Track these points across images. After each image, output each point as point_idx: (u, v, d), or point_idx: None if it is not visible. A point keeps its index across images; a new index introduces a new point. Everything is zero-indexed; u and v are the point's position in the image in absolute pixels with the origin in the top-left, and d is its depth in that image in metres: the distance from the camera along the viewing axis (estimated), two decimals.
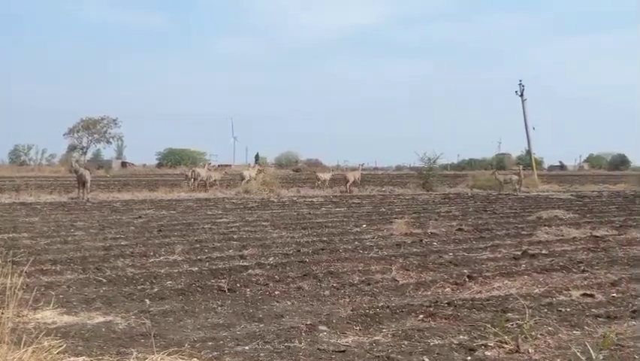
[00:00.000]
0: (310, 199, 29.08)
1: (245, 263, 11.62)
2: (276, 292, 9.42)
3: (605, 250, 13.43)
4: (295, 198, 29.67)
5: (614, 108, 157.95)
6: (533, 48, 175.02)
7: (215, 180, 35.19)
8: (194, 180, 34.54)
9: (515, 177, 37.42)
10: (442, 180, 41.68)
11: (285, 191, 33.08)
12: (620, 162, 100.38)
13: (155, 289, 9.49)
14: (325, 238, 15.15)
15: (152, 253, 12.61)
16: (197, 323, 7.68)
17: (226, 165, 62.77)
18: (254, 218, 20.05)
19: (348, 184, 35.18)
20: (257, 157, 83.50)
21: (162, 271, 10.84)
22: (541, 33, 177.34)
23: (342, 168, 72.41)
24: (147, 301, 8.82)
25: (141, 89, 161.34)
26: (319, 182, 36.77)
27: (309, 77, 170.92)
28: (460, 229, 16.94)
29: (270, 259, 12.10)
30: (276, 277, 10.44)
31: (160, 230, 16.60)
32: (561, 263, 11.74)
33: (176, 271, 10.86)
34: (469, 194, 34.84)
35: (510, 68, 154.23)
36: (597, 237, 15.54)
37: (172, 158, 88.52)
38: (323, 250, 13.35)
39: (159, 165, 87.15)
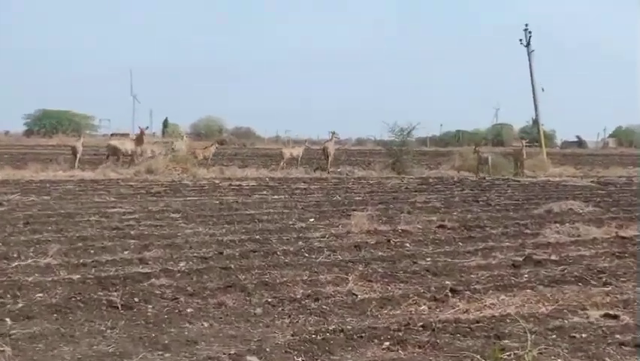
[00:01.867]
0: (238, 182, 28.94)
1: (146, 269, 11.49)
2: (189, 310, 9.34)
3: (634, 257, 13.50)
4: (218, 181, 29.49)
5: None
6: None
7: (155, 156, 34.50)
8: (111, 156, 33.99)
9: (486, 156, 37.28)
10: (418, 159, 41.85)
11: (203, 171, 32.87)
12: None
13: (20, 305, 9.30)
14: (258, 236, 15.09)
15: (15, 255, 12.35)
16: (77, 352, 7.54)
17: (124, 135, 61.73)
18: (160, 208, 19.90)
19: (330, 159, 35.59)
20: (165, 123, 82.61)
21: (30, 279, 10.62)
22: None
23: (283, 140, 72.16)
24: (8, 320, 8.62)
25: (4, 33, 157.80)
26: (285, 161, 36.59)
27: (238, 23, 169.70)
28: (441, 226, 16.97)
29: (182, 265, 11.98)
30: (188, 288, 10.35)
31: (27, 223, 16.30)
32: (576, 273, 11.86)
33: (50, 279, 10.65)
34: (455, 178, 35.09)
35: (508, 10, 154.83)
36: (625, 238, 15.71)
37: (47, 123, 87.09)
38: (255, 252, 13.26)
39: (28, 133, 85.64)
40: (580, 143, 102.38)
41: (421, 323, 8.75)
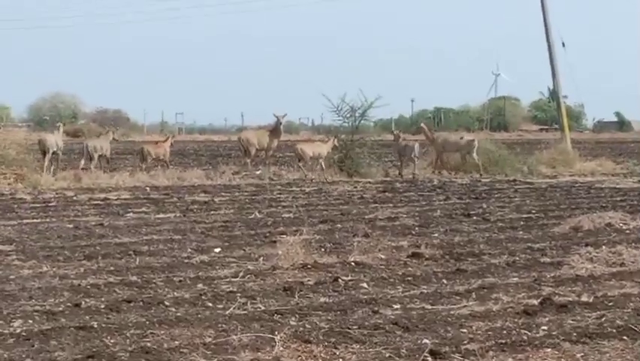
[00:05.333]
0: (104, 195, 24.63)
1: None
2: None
3: None
4: (72, 194, 25.13)
5: None
6: None
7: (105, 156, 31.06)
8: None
9: (411, 145, 31.94)
10: (379, 153, 38.25)
11: (49, 178, 28.05)
12: None
13: None
14: (135, 278, 12.52)
15: None
16: None
17: None
18: None
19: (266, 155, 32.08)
20: None
21: None
22: None
23: (171, 129, 68.49)
24: None
25: None
26: (308, 163, 30.81)
27: None
28: (416, 255, 14.37)
29: (16, 324, 9.84)
30: None
31: None
32: (619, 322, 9.74)
33: None
34: (435, 181, 31.17)
35: None
36: None
37: None
38: (130, 302, 10.93)
39: None
40: (621, 123, 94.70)
41: None
